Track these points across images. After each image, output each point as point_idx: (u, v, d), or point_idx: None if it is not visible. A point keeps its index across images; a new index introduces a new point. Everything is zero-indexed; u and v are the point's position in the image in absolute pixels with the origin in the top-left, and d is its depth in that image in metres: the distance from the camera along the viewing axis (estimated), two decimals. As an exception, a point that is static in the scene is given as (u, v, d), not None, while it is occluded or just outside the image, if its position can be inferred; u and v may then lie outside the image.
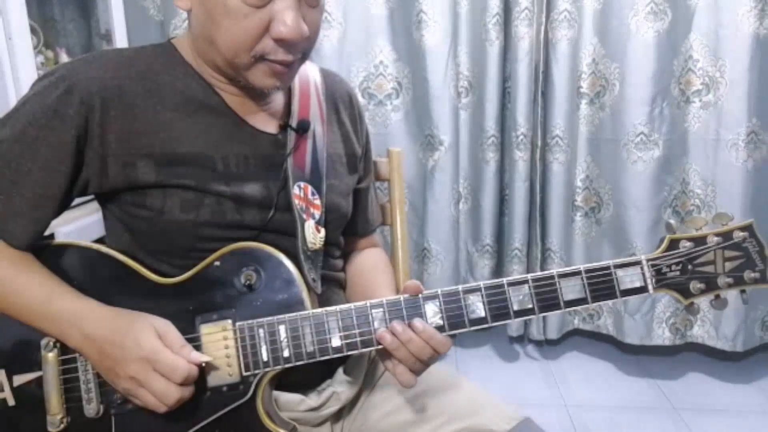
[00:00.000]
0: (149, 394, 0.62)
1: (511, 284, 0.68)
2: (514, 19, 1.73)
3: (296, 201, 0.75)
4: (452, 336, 0.69)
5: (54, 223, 0.71)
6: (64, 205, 0.71)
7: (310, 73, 0.85)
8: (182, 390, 0.62)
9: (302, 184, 0.76)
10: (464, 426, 0.76)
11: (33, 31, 1.23)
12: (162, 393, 0.62)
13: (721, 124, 1.72)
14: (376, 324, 0.68)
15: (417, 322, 0.67)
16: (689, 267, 0.69)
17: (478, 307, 0.68)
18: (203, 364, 0.65)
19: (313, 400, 0.77)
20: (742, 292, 0.71)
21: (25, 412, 0.68)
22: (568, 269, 0.69)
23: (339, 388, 0.79)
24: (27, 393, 0.68)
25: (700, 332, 1.85)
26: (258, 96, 0.76)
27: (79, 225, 1.13)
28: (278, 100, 0.80)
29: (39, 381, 0.67)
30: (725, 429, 1.61)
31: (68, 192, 0.70)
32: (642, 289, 0.69)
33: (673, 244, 0.70)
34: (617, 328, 1.92)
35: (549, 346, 2.04)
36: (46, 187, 0.68)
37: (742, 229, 0.70)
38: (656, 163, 1.78)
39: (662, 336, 1.86)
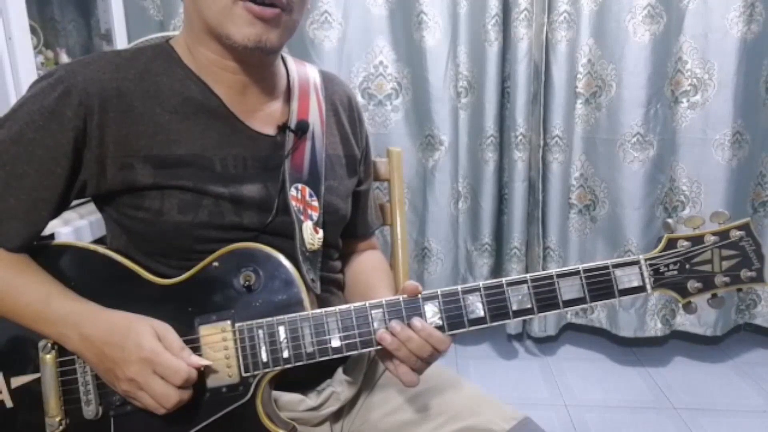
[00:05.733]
0: (149, 396, 0.62)
1: (510, 284, 0.68)
2: (513, 20, 1.73)
3: (293, 203, 0.75)
4: (452, 335, 0.69)
5: (54, 223, 0.71)
6: (60, 208, 0.71)
7: (309, 74, 0.85)
8: (182, 393, 0.62)
9: (299, 185, 0.76)
10: (464, 426, 0.76)
11: (33, 31, 1.23)
12: (162, 395, 0.61)
13: (708, 124, 1.75)
14: (375, 324, 0.68)
15: (415, 321, 0.67)
16: (687, 266, 0.69)
17: (477, 307, 0.68)
18: (203, 368, 0.65)
19: (312, 399, 0.77)
20: (739, 291, 0.71)
21: (23, 414, 0.68)
22: (566, 269, 0.69)
23: (338, 387, 0.79)
24: (25, 395, 0.68)
25: (685, 321, 1.93)
26: (257, 94, 0.76)
27: (79, 226, 1.13)
28: (277, 101, 0.80)
29: (37, 383, 0.67)
30: (724, 428, 1.61)
31: (65, 194, 0.70)
32: (640, 289, 0.69)
33: (671, 243, 0.70)
34: (611, 321, 1.95)
35: (546, 343, 2.05)
36: (41, 189, 0.68)
37: (739, 228, 0.70)
38: (651, 162, 1.80)
39: (654, 327, 1.91)
